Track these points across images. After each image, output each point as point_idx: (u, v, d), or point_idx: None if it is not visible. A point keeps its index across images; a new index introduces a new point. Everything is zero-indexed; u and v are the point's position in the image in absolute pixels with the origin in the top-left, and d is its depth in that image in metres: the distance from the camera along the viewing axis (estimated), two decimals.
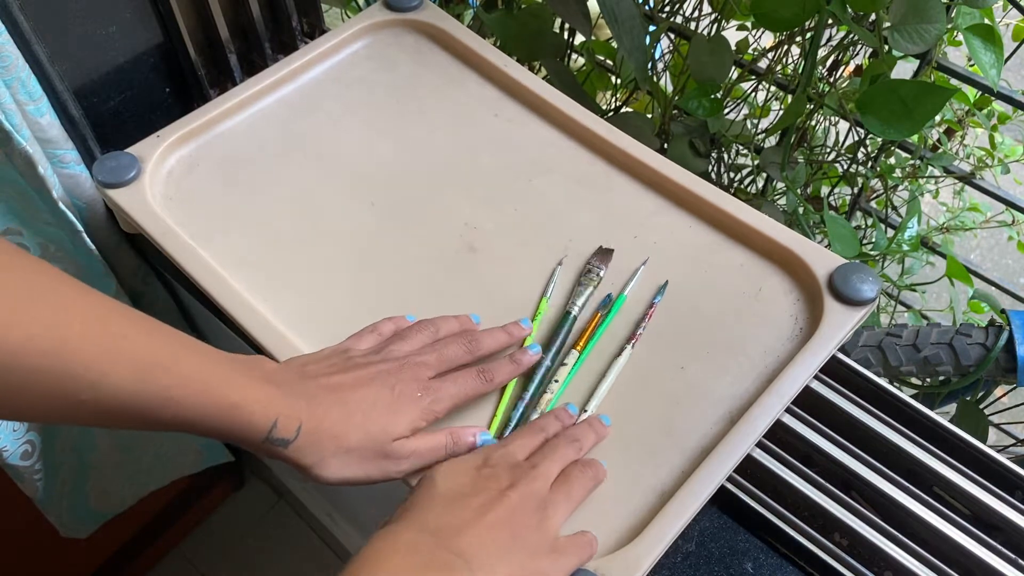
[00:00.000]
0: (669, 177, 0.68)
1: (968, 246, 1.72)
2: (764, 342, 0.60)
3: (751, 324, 0.61)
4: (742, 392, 0.58)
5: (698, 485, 0.52)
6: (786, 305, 0.62)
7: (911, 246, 0.88)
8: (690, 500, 0.52)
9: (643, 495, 0.53)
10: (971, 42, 0.73)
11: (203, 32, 0.80)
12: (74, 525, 0.91)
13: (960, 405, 0.84)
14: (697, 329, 0.61)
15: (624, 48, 0.78)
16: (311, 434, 0.48)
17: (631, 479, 0.54)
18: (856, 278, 0.61)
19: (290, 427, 0.47)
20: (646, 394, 0.58)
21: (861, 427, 0.62)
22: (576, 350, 0.59)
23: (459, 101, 0.75)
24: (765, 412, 0.55)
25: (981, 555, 0.55)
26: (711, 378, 0.59)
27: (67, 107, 0.72)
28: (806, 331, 0.61)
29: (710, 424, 0.56)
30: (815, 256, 0.63)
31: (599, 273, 0.63)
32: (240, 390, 0.46)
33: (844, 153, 1.01)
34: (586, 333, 0.60)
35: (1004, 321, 0.80)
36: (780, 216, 0.91)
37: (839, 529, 0.58)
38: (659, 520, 0.51)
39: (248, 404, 0.46)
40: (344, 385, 0.51)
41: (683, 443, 0.56)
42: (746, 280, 0.64)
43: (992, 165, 1.10)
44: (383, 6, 0.81)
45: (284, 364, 0.53)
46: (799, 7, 0.71)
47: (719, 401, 0.58)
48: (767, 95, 1.02)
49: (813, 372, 0.58)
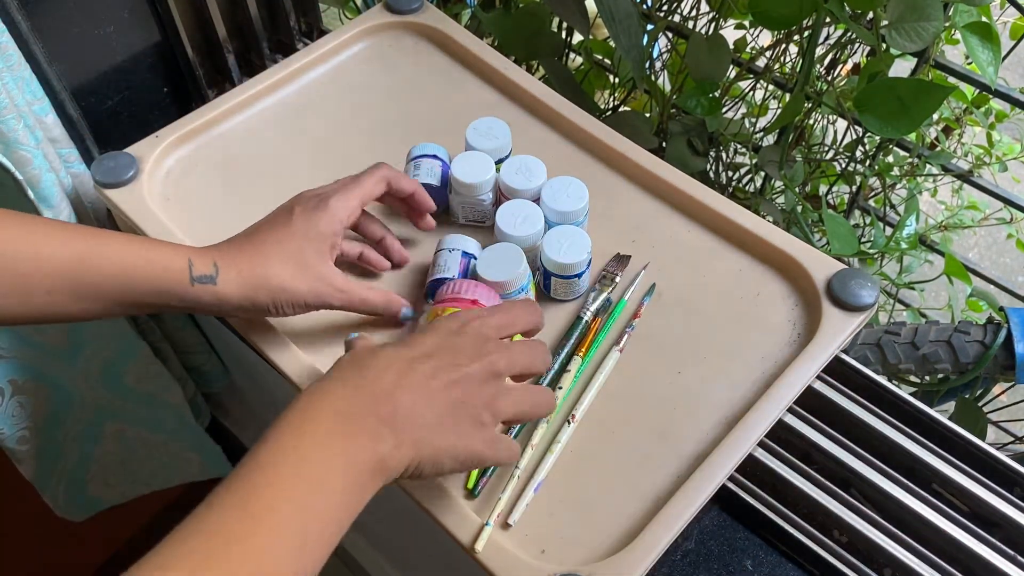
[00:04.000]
0: (668, 181, 0.68)
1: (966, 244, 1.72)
2: (762, 347, 0.60)
3: (749, 329, 0.61)
4: (739, 397, 0.57)
5: (693, 491, 0.52)
6: (784, 310, 0.62)
7: (909, 244, 0.88)
8: (685, 505, 0.51)
9: (638, 500, 0.53)
10: (969, 40, 0.73)
11: (201, 32, 0.80)
12: (69, 507, 0.91)
13: (959, 402, 0.84)
14: (694, 334, 0.61)
15: (621, 47, 0.78)
16: (230, 268, 0.52)
17: (626, 484, 0.54)
18: (855, 283, 0.60)
19: (206, 264, 0.52)
20: (642, 399, 0.58)
21: (860, 425, 0.62)
22: (579, 356, 0.59)
23: (459, 104, 0.75)
24: (762, 417, 0.55)
25: (980, 551, 0.55)
26: (708, 383, 0.58)
27: (65, 107, 0.72)
28: (804, 337, 0.60)
29: (706, 429, 0.56)
30: (813, 261, 0.62)
31: (615, 278, 0.63)
32: (155, 248, 0.52)
33: (842, 151, 1.01)
34: (587, 339, 0.60)
35: (1002, 319, 0.80)
36: (779, 214, 0.92)
37: (838, 526, 0.58)
38: (654, 526, 0.50)
39: (162, 253, 0.52)
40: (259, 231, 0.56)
41: (679, 448, 0.55)
42: (744, 285, 0.63)
43: (990, 163, 1.11)
44: (383, 8, 0.81)
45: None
46: (797, 5, 0.71)
47: (716, 406, 0.57)
48: (765, 94, 1.02)
49: (811, 378, 0.58)
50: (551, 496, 0.53)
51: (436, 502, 0.51)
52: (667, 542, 0.50)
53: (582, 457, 0.55)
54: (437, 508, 0.51)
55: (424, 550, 0.75)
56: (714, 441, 0.55)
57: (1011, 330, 0.79)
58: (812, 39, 0.76)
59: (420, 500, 0.51)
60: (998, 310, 0.83)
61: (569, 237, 0.60)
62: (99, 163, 0.67)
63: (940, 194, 1.22)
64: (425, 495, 0.52)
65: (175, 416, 0.89)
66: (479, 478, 0.53)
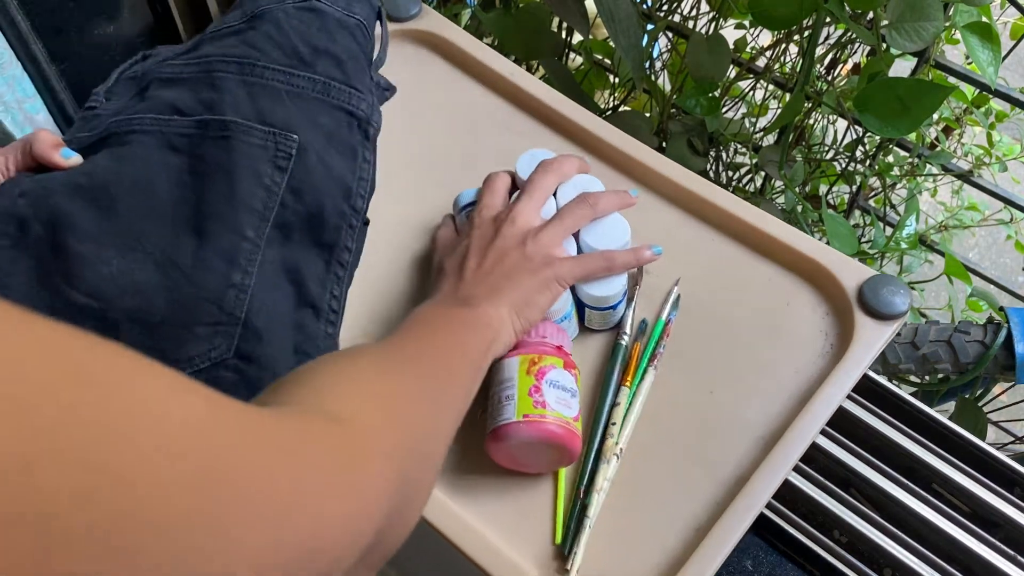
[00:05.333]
0: (689, 189, 0.65)
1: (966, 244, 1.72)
2: (794, 360, 0.57)
3: (780, 342, 0.58)
4: (774, 415, 0.55)
5: (735, 518, 0.49)
6: (815, 320, 0.59)
7: (909, 244, 0.88)
8: (728, 534, 0.49)
9: (679, 532, 0.51)
10: (969, 40, 0.73)
11: (200, 32, 0.80)
12: None
13: (959, 402, 0.84)
14: (724, 349, 0.58)
15: (620, 47, 0.78)
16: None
17: (666, 515, 0.52)
18: (887, 290, 0.58)
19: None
20: (676, 423, 0.55)
21: (860, 425, 0.62)
22: (625, 386, 0.55)
23: (463, 113, 0.71)
24: (800, 436, 0.53)
25: (980, 551, 0.55)
26: (742, 401, 0.56)
27: (64, 107, 0.72)
28: (837, 348, 0.58)
29: (743, 451, 0.54)
30: (843, 268, 0.59)
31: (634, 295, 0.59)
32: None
33: (842, 151, 1.01)
34: (631, 367, 0.56)
35: (1002, 319, 0.80)
36: (779, 214, 0.92)
37: (838, 526, 0.58)
38: (698, 557, 0.48)
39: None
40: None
41: (717, 473, 0.53)
42: (773, 295, 0.61)
43: (990, 163, 1.11)
44: None
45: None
46: (797, 5, 0.71)
47: (751, 426, 0.55)
48: (765, 93, 1.02)
49: (847, 391, 0.55)
50: (594, 528, 0.51)
51: (475, 545, 0.50)
52: (712, 574, 0.48)
53: (617, 486, 0.53)
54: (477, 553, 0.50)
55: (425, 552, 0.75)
56: (752, 463, 0.53)
57: (1011, 330, 0.79)
58: (812, 39, 0.76)
59: (465, 549, 0.50)
60: (998, 310, 0.83)
61: None
62: None
63: (940, 194, 1.22)
64: (468, 542, 0.50)
65: None
66: (564, 533, 0.51)
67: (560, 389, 0.51)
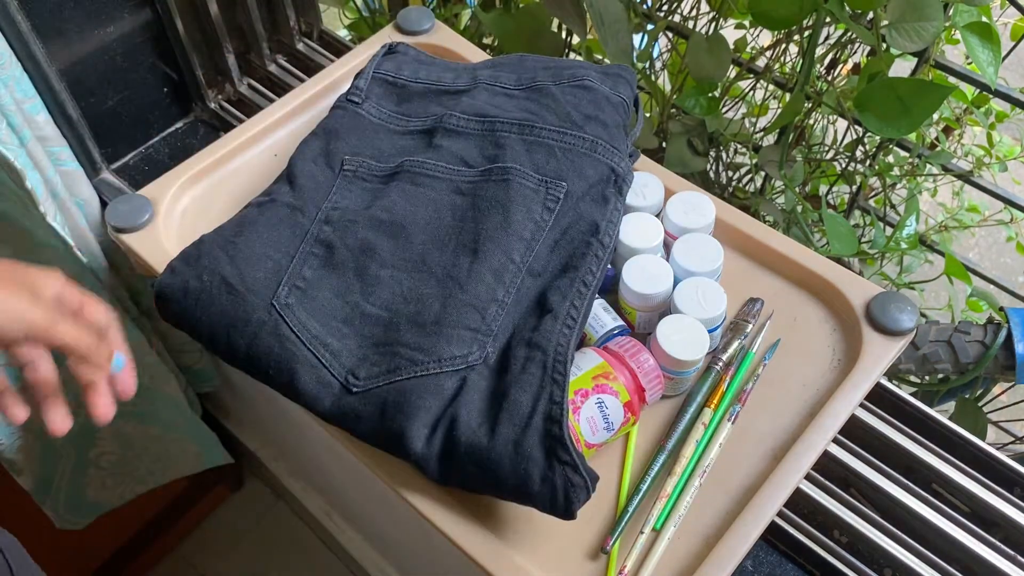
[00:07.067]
0: None
1: (966, 244, 1.72)
2: (802, 374, 0.58)
3: (788, 356, 0.59)
4: (783, 428, 0.56)
5: (744, 528, 0.50)
6: (823, 335, 0.60)
7: (909, 244, 0.88)
8: (737, 544, 0.50)
9: (688, 541, 0.52)
10: (969, 40, 0.73)
11: (201, 32, 0.80)
12: (70, 516, 0.90)
13: (959, 403, 0.84)
14: None
15: (610, 51, 0.78)
16: None
17: (675, 524, 0.52)
18: (894, 307, 0.58)
19: None
20: None
21: (860, 425, 0.62)
22: (710, 408, 0.56)
23: None
24: (808, 450, 0.53)
25: (980, 552, 0.55)
26: (751, 413, 0.57)
27: (65, 107, 0.72)
28: (844, 363, 0.58)
29: (752, 463, 0.54)
30: (850, 284, 0.60)
31: (747, 327, 0.60)
32: None
33: (842, 151, 1.01)
34: (718, 392, 0.57)
35: (1003, 319, 0.80)
36: (779, 214, 0.92)
37: (838, 526, 0.58)
38: (707, 567, 0.49)
39: None
40: None
41: (726, 483, 0.54)
42: (780, 310, 0.61)
43: (990, 163, 1.11)
44: (394, 29, 0.77)
45: None
46: (797, 5, 0.71)
47: (760, 438, 0.56)
48: (765, 93, 1.02)
49: (855, 405, 0.56)
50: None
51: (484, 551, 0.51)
52: None
53: None
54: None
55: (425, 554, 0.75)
56: (760, 475, 0.53)
57: (1011, 330, 0.79)
58: (812, 39, 0.76)
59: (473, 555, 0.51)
60: (998, 310, 0.83)
61: (686, 328, 0.56)
62: (113, 207, 0.64)
63: (940, 195, 1.22)
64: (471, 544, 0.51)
65: (172, 406, 0.89)
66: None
67: (602, 415, 0.52)
